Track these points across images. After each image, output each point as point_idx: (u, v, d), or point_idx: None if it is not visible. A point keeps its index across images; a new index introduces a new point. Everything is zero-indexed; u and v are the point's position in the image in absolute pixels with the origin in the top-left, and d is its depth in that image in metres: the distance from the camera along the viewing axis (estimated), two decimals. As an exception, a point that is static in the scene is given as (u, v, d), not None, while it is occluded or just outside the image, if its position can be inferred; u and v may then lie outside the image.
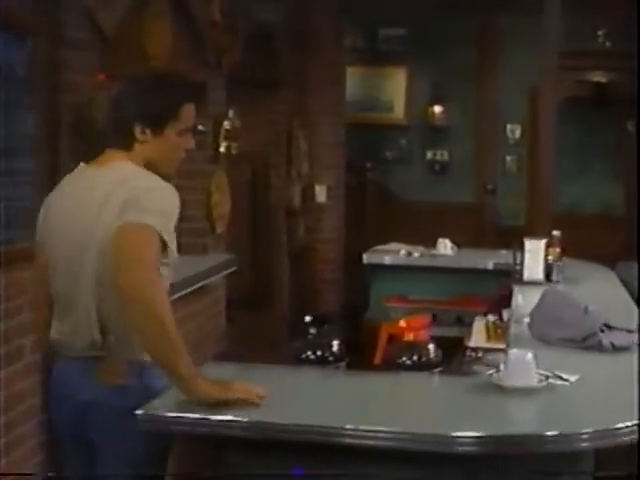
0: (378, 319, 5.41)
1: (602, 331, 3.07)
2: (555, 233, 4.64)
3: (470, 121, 9.51)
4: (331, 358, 2.76)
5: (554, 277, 4.47)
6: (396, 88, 9.64)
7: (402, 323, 2.73)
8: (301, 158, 7.26)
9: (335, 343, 2.78)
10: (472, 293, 5.24)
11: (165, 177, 2.53)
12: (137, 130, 2.48)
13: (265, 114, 6.90)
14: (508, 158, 9.54)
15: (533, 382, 2.51)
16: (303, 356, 2.75)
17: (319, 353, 2.75)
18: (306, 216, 7.37)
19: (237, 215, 6.58)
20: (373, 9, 9.21)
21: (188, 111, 2.52)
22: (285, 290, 7.28)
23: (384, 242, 5.93)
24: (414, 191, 9.58)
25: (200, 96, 2.75)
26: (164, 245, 2.37)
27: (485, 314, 4.28)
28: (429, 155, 9.67)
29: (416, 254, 5.49)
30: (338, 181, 7.53)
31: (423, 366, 2.69)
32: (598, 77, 8.31)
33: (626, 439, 2.36)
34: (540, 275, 4.41)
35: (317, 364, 2.75)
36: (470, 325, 4.25)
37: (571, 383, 2.60)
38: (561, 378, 2.62)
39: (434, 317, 5.30)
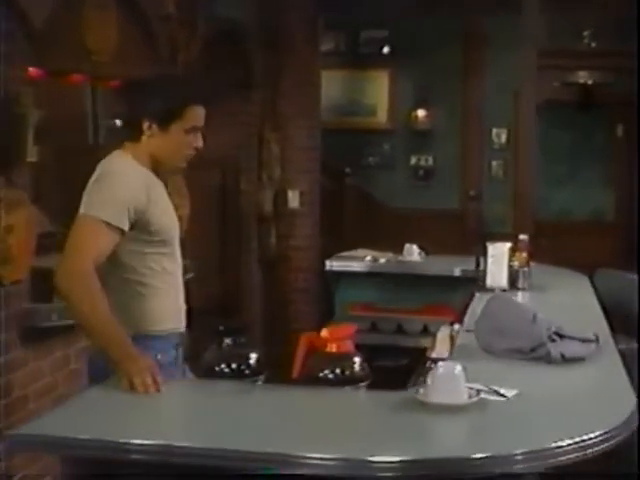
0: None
1: (553, 340, 2.80)
2: (522, 237, 4.37)
3: (455, 125, 9.25)
4: (248, 371, 2.49)
5: (520, 284, 4.20)
6: (379, 91, 9.39)
7: (324, 333, 2.47)
8: (273, 162, 7.00)
9: (253, 355, 2.52)
10: (440, 301, 4.96)
11: (172, 171, 2.86)
12: (145, 124, 2.64)
13: (235, 116, 6.64)
14: (494, 163, 9.28)
15: (462, 398, 2.24)
16: (217, 369, 2.49)
17: (234, 366, 2.49)
18: (278, 222, 7.10)
19: (205, 221, 6.32)
20: (354, 10, 8.98)
21: (194, 112, 2.66)
22: (255, 299, 7.01)
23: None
24: (398, 197, 9.33)
25: (208, 99, 2.78)
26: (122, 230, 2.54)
27: (452, 323, 4.01)
28: (413, 160, 9.41)
29: (382, 260, 5.21)
30: (312, 186, 7.25)
31: (347, 380, 2.42)
32: (584, 79, 8.05)
33: (566, 459, 2.11)
34: (504, 281, 4.13)
35: (232, 377, 2.49)
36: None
37: (508, 399, 2.33)
38: (498, 393, 2.35)
39: (399, 327, 5.09)
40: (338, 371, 2.43)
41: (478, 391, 2.27)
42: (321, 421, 2.28)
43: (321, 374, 2.42)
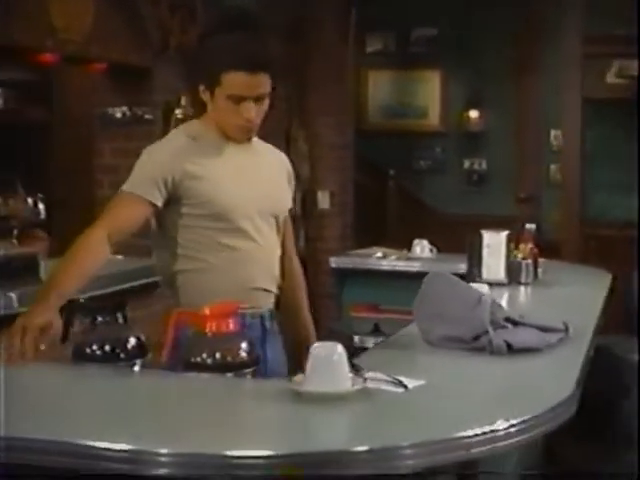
0: (343, 331, 4.80)
1: (503, 327, 2.37)
2: (528, 227, 3.95)
3: (510, 127, 8.75)
4: (123, 355, 2.15)
5: (522, 278, 3.75)
6: (430, 92, 8.99)
7: (205, 310, 2.11)
8: (300, 160, 6.66)
9: (132, 337, 2.17)
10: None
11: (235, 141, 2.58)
12: (200, 89, 2.53)
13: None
14: (552, 167, 8.72)
15: (341, 386, 1.84)
16: (88, 350, 2.14)
17: (108, 348, 2.14)
18: (307, 224, 6.76)
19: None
20: (403, 8, 8.63)
21: (232, 78, 2.43)
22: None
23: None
24: (449, 203, 8.88)
25: (257, 67, 2.46)
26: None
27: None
28: (466, 164, 8.98)
29: (392, 257, 4.81)
30: (343, 186, 6.90)
31: (229, 366, 2.06)
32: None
33: (465, 453, 1.71)
34: (501, 274, 3.69)
35: (105, 361, 2.14)
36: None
37: (407, 389, 1.93)
38: (399, 383, 1.95)
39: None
40: (218, 356, 2.05)
41: (365, 379, 1.88)
42: (179, 412, 1.91)
43: (198, 359, 2.05)
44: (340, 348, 1.86)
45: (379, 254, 4.87)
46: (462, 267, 4.51)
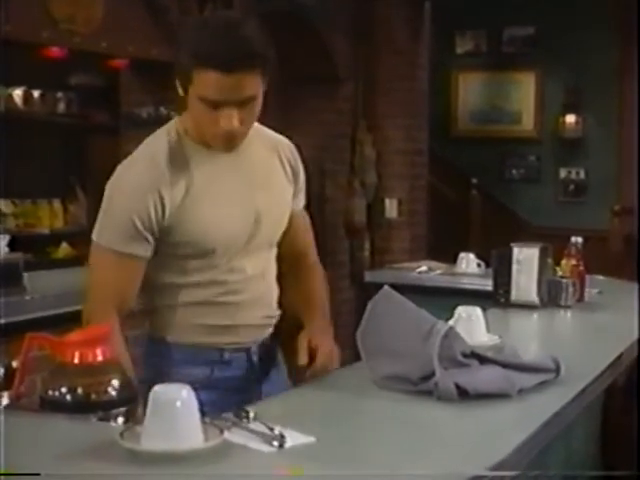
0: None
1: (462, 365, 1.90)
2: (574, 240, 3.42)
3: (611, 133, 8.11)
4: (-18, 387, 1.79)
5: (562, 300, 3.21)
6: (524, 96, 8.42)
7: (73, 335, 1.72)
8: (366, 166, 6.25)
9: (-1, 368, 1.81)
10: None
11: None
12: (176, 84, 1.99)
13: (316, 113, 5.97)
14: (656, 177, 8.01)
15: (188, 443, 1.42)
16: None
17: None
18: (373, 234, 6.33)
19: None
20: (495, 6, 8.11)
21: (203, 78, 1.90)
22: (344, 320, 6.24)
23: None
24: (543, 214, 8.29)
25: (232, 66, 1.89)
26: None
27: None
28: (562, 173, 8.35)
29: (437, 272, 4.35)
30: (414, 194, 6.42)
31: (92, 405, 1.67)
32: None
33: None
34: (533, 295, 3.17)
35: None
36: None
37: (281, 449, 1.49)
38: (278, 440, 1.51)
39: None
40: (80, 392, 1.66)
41: (222, 430, 1.46)
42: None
43: (56, 393, 1.67)
44: (186, 392, 1.44)
45: (423, 268, 4.41)
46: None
